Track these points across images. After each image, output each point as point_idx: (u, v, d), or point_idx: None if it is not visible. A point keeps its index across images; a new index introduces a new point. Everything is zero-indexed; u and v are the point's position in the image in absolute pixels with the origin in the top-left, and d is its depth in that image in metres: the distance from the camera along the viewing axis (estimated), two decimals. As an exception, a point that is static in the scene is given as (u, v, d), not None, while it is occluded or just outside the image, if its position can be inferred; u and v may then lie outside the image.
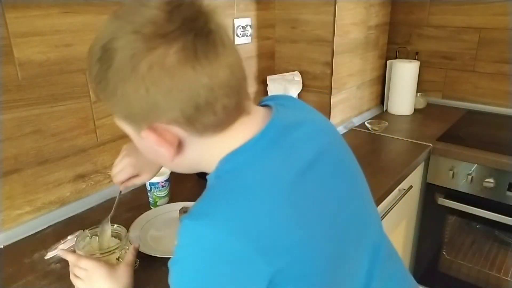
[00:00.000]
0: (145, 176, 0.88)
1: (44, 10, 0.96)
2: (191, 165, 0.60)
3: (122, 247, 0.86)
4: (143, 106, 0.50)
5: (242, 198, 0.51)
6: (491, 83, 1.92)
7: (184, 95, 0.49)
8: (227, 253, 0.48)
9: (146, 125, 0.52)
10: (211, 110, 0.51)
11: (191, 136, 0.54)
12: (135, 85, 0.49)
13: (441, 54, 2.01)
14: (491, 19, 1.85)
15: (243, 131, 0.56)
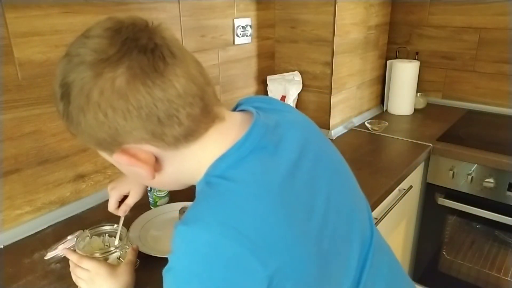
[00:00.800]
0: (133, 195, 0.89)
1: (44, 10, 0.96)
2: (174, 180, 0.60)
3: (123, 247, 0.86)
4: (106, 131, 0.51)
5: (234, 201, 0.51)
6: (491, 83, 1.92)
7: (142, 112, 0.49)
8: (223, 257, 0.48)
9: (118, 149, 0.53)
10: (175, 122, 0.51)
11: (165, 151, 0.54)
12: (93, 113, 0.49)
13: (441, 54, 2.01)
14: (491, 19, 1.85)
15: (221, 138, 0.56)
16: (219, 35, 1.45)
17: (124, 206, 0.89)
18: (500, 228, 1.57)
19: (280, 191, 0.53)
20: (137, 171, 0.55)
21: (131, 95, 0.49)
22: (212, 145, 0.56)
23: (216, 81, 1.49)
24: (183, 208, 1.08)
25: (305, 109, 1.72)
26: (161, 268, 0.91)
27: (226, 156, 0.55)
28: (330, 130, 1.66)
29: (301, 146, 0.61)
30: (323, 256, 0.56)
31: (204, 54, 1.41)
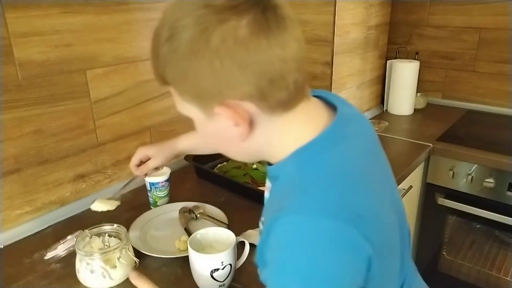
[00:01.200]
0: (157, 159, 0.96)
1: (44, 10, 0.96)
2: (255, 149, 0.58)
3: (122, 247, 0.86)
4: (217, 80, 0.49)
5: (334, 184, 0.51)
6: (491, 83, 1.92)
7: (259, 67, 0.48)
8: (337, 239, 0.47)
9: (217, 103, 0.51)
10: (284, 84, 0.50)
11: (263, 114, 0.52)
12: (208, 59, 0.48)
13: (441, 54, 2.01)
14: (491, 19, 1.85)
15: (309, 117, 0.56)
16: (219, 35, 1.45)
17: (144, 166, 0.97)
18: (500, 228, 1.57)
19: (370, 178, 0.56)
20: (228, 133, 0.54)
21: (252, 47, 0.47)
22: (300, 121, 0.56)
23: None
24: (183, 208, 1.09)
25: (305, 109, 1.72)
26: (161, 268, 0.91)
27: (318, 141, 0.54)
28: (330, 130, 1.66)
29: (368, 140, 0.63)
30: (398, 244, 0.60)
31: (204, 54, 1.41)
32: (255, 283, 0.85)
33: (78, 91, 1.07)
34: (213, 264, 0.79)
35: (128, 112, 1.21)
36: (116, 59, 1.14)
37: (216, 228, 0.89)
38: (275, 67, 0.49)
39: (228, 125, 0.52)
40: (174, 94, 0.55)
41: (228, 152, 0.61)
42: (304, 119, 0.56)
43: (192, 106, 0.54)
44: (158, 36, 0.50)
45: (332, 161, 0.53)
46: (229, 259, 0.80)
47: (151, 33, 0.52)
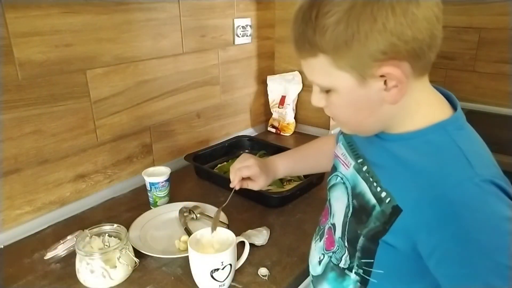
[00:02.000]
0: (261, 182, 0.93)
1: (44, 10, 0.96)
2: (392, 116, 0.59)
3: (122, 247, 0.86)
4: (388, 40, 0.50)
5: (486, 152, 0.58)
6: (491, 83, 1.91)
7: (425, 23, 0.50)
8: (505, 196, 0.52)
9: (378, 64, 0.52)
10: (435, 44, 0.53)
11: (412, 75, 0.54)
12: (383, 19, 0.49)
13: (441, 54, 1.98)
14: (491, 19, 1.85)
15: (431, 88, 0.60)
16: (219, 35, 1.45)
17: (244, 183, 0.94)
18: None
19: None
20: (375, 97, 0.55)
21: (421, 3, 0.50)
22: (431, 90, 0.59)
23: (216, 81, 1.49)
24: (183, 208, 1.09)
25: (305, 109, 1.72)
26: (161, 268, 0.91)
27: (459, 116, 0.58)
28: (330, 130, 1.66)
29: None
30: None
31: (204, 54, 1.41)
32: (255, 283, 0.85)
33: (78, 91, 1.07)
34: (213, 264, 0.79)
35: (128, 112, 1.21)
36: (116, 59, 1.14)
37: (217, 228, 0.88)
38: (435, 26, 0.51)
39: (380, 89, 0.54)
40: (323, 64, 0.55)
41: (361, 122, 0.61)
42: (432, 89, 0.60)
43: (346, 73, 0.54)
44: (317, 5, 0.51)
45: (475, 134, 0.59)
46: (229, 259, 0.80)
47: (151, 33, 0.52)
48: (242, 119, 1.67)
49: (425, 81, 0.58)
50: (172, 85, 1.33)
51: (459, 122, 0.58)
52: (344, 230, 0.68)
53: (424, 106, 0.58)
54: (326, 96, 0.59)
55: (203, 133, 1.50)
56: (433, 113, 0.58)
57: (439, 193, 0.52)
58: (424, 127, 0.57)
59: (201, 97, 1.45)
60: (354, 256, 0.66)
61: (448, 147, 0.55)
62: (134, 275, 0.88)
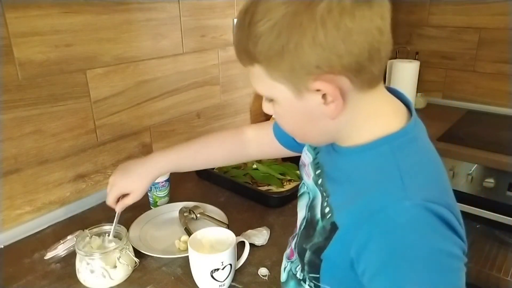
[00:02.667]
0: (133, 196, 0.89)
1: (44, 10, 0.96)
2: (338, 129, 0.56)
3: (123, 247, 0.86)
4: (318, 54, 0.47)
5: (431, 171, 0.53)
6: (491, 83, 1.92)
7: (362, 37, 0.47)
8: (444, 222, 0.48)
9: (313, 79, 0.49)
10: (378, 58, 0.49)
11: (353, 89, 0.51)
12: (313, 32, 0.46)
13: (441, 54, 2.01)
14: (491, 19, 1.85)
15: (389, 98, 0.57)
16: (219, 35, 1.45)
17: (121, 204, 0.89)
18: (500, 228, 1.56)
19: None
20: (314, 111, 0.52)
21: (358, 17, 0.46)
22: (384, 101, 0.56)
23: (216, 81, 1.49)
24: (183, 208, 1.09)
25: (305, 109, 1.72)
26: (161, 268, 0.91)
27: (410, 129, 0.54)
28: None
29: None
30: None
31: (204, 54, 1.41)
32: (256, 283, 0.85)
33: (78, 91, 1.07)
34: (213, 264, 0.79)
35: (128, 112, 1.21)
36: (116, 59, 1.14)
37: (217, 228, 0.89)
38: (375, 38, 0.48)
39: (318, 103, 0.51)
40: (259, 73, 0.52)
41: (308, 134, 0.59)
42: (386, 99, 0.56)
43: (282, 84, 0.51)
44: (252, 13, 0.49)
45: (425, 149, 0.55)
46: (229, 259, 0.80)
47: (151, 33, 0.52)
48: (242, 119, 1.67)
49: (376, 92, 0.54)
50: (172, 85, 1.33)
51: (409, 135, 0.54)
52: (297, 242, 0.67)
53: (373, 118, 0.55)
54: (273, 107, 0.58)
55: (203, 133, 1.48)
56: (382, 126, 0.54)
57: (369, 214, 0.50)
58: (370, 141, 0.54)
59: (201, 97, 1.45)
60: (304, 269, 0.64)
61: (386, 165, 0.52)
62: (134, 275, 0.88)
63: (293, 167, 1.31)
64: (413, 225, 0.47)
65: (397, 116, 0.56)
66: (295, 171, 1.29)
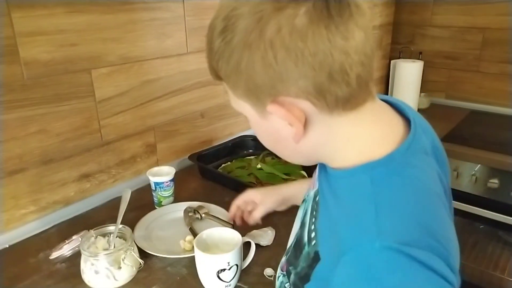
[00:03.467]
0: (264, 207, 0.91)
1: (49, 10, 0.96)
2: (311, 151, 0.53)
3: (127, 248, 0.85)
4: (270, 75, 0.44)
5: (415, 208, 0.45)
6: (494, 83, 1.92)
7: (318, 59, 0.43)
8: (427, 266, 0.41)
9: (271, 100, 0.46)
10: (344, 80, 0.45)
11: (319, 113, 0.47)
12: (262, 52, 0.43)
13: (445, 54, 2.01)
14: (495, 19, 1.85)
15: (379, 119, 0.51)
16: (223, 35, 1.45)
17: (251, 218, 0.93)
18: (504, 228, 1.56)
19: (442, 196, 0.51)
20: (282, 133, 0.49)
21: (310, 37, 0.42)
22: (370, 123, 0.50)
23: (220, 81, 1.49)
24: (187, 208, 1.08)
25: (308, 109, 1.71)
26: (166, 268, 0.91)
27: (397, 155, 0.48)
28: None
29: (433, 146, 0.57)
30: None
31: (208, 53, 1.41)
32: (261, 283, 0.85)
33: (83, 90, 1.07)
34: (219, 264, 0.79)
35: (132, 112, 1.21)
36: (121, 58, 1.14)
37: (222, 229, 0.88)
38: (335, 60, 0.43)
39: (282, 124, 0.48)
40: (227, 90, 0.51)
41: (282, 154, 0.57)
42: (374, 121, 0.51)
43: (245, 102, 0.50)
44: (213, 28, 0.47)
45: (411, 182, 0.47)
46: (235, 259, 0.80)
47: (155, 33, 0.52)
48: (244, 119, 1.66)
49: (358, 114, 0.49)
50: (176, 85, 1.32)
51: (394, 163, 0.48)
52: (287, 258, 0.64)
53: (353, 142, 0.50)
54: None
55: (207, 133, 1.50)
56: (365, 151, 0.49)
57: (340, 254, 0.45)
58: (353, 166, 0.49)
59: (205, 97, 1.45)
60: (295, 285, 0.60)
61: (363, 198, 0.47)
62: (139, 275, 0.88)
63: (297, 167, 1.30)
64: (380, 268, 0.41)
65: (386, 139, 0.50)
66: (299, 171, 1.29)
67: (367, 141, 0.50)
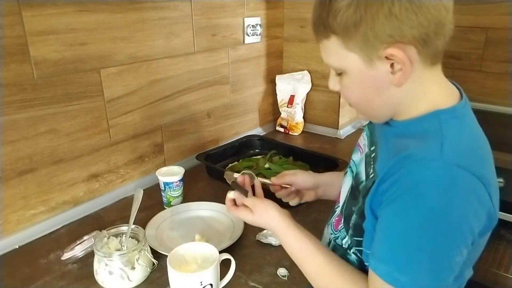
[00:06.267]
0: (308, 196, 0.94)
1: (59, 9, 0.95)
2: (399, 101, 0.61)
3: (141, 248, 0.85)
4: (393, 23, 0.54)
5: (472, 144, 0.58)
6: (498, 83, 1.92)
7: (431, 11, 0.54)
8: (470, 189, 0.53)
9: (384, 46, 0.55)
10: (442, 34, 0.56)
11: (419, 61, 0.57)
12: (389, 4, 0.53)
13: (448, 54, 2.01)
14: (498, 18, 1.85)
15: (444, 78, 0.63)
16: (230, 34, 1.45)
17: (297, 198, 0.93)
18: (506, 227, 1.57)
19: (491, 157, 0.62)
20: (382, 79, 0.58)
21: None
22: (442, 80, 0.62)
23: (226, 81, 1.49)
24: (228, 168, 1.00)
25: (314, 108, 1.72)
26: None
27: (460, 107, 0.60)
28: (339, 130, 1.66)
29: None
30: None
31: (214, 53, 1.40)
32: (275, 283, 0.85)
33: (92, 90, 1.06)
34: (191, 283, 0.73)
35: (140, 111, 1.20)
36: (130, 58, 1.13)
37: (200, 244, 0.82)
38: (442, 14, 0.55)
39: (386, 71, 0.57)
40: (334, 45, 0.59)
41: (370, 106, 0.65)
42: (442, 80, 0.62)
43: (355, 54, 0.58)
44: None
45: (471, 127, 0.60)
46: (209, 278, 0.74)
47: (164, 32, 0.51)
48: (250, 118, 1.66)
49: (436, 71, 0.60)
50: (183, 84, 1.32)
51: (457, 112, 0.59)
52: (343, 208, 0.73)
53: (430, 95, 0.60)
54: (340, 79, 0.64)
55: (213, 133, 1.49)
56: (436, 102, 0.60)
57: (404, 162, 0.55)
58: (422, 114, 0.60)
59: (212, 96, 1.44)
60: (349, 233, 0.70)
61: (432, 130, 0.58)
62: (153, 276, 0.87)
63: (305, 167, 1.30)
64: (436, 182, 0.53)
65: (449, 95, 0.62)
66: (307, 170, 1.29)
67: (438, 95, 0.61)
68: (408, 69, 0.56)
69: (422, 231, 0.53)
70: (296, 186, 0.91)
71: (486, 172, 0.56)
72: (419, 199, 0.53)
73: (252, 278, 0.86)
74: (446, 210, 0.52)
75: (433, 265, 0.53)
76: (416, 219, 0.53)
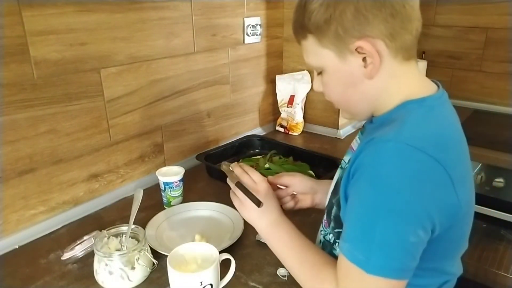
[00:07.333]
0: (305, 202, 0.91)
1: (59, 9, 0.95)
2: (375, 95, 0.65)
3: (141, 248, 0.85)
4: (359, 19, 0.58)
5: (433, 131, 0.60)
6: (497, 83, 1.92)
7: (395, 7, 0.58)
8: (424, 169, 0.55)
9: (354, 41, 0.60)
10: (409, 28, 0.60)
11: (389, 55, 0.61)
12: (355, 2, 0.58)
13: (448, 54, 2.01)
14: (498, 18, 1.85)
15: (420, 74, 0.66)
16: (230, 34, 1.45)
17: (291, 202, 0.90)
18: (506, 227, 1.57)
19: (462, 148, 0.65)
20: (355, 73, 0.63)
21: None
22: (415, 76, 0.65)
23: (226, 81, 1.49)
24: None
25: (314, 108, 1.72)
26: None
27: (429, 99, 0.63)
28: (339, 130, 1.66)
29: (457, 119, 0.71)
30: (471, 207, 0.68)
31: (214, 53, 1.40)
32: (275, 283, 0.85)
33: (92, 90, 1.06)
34: (191, 283, 0.73)
35: (140, 111, 1.20)
36: (130, 58, 1.13)
37: (201, 244, 0.82)
38: (406, 10, 0.59)
39: (359, 65, 0.62)
40: (311, 44, 0.64)
41: (349, 102, 0.68)
42: (418, 75, 0.65)
43: (329, 50, 0.62)
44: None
45: (436, 116, 0.62)
46: (209, 279, 0.74)
47: (164, 32, 0.52)
48: (250, 118, 1.66)
49: (410, 67, 0.64)
50: (183, 84, 1.32)
51: (426, 103, 0.62)
52: (328, 200, 0.77)
53: (404, 89, 0.63)
54: (321, 79, 0.68)
55: (213, 133, 1.49)
56: (408, 95, 0.63)
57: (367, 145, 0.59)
58: (395, 106, 0.64)
59: (211, 96, 1.44)
60: (331, 227, 0.73)
61: (398, 118, 0.61)
62: (153, 276, 0.87)
63: (305, 167, 1.30)
64: (389, 161, 0.56)
65: (422, 88, 0.65)
66: (307, 170, 1.29)
67: (412, 90, 0.64)
68: (377, 61, 0.60)
69: (375, 209, 0.56)
70: (294, 188, 0.89)
71: (450, 158, 0.58)
72: (372, 178, 0.57)
73: (252, 278, 0.86)
74: (397, 187, 0.55)
75: (384, 242, 0.55)
76: (369, 197, 0.57)
